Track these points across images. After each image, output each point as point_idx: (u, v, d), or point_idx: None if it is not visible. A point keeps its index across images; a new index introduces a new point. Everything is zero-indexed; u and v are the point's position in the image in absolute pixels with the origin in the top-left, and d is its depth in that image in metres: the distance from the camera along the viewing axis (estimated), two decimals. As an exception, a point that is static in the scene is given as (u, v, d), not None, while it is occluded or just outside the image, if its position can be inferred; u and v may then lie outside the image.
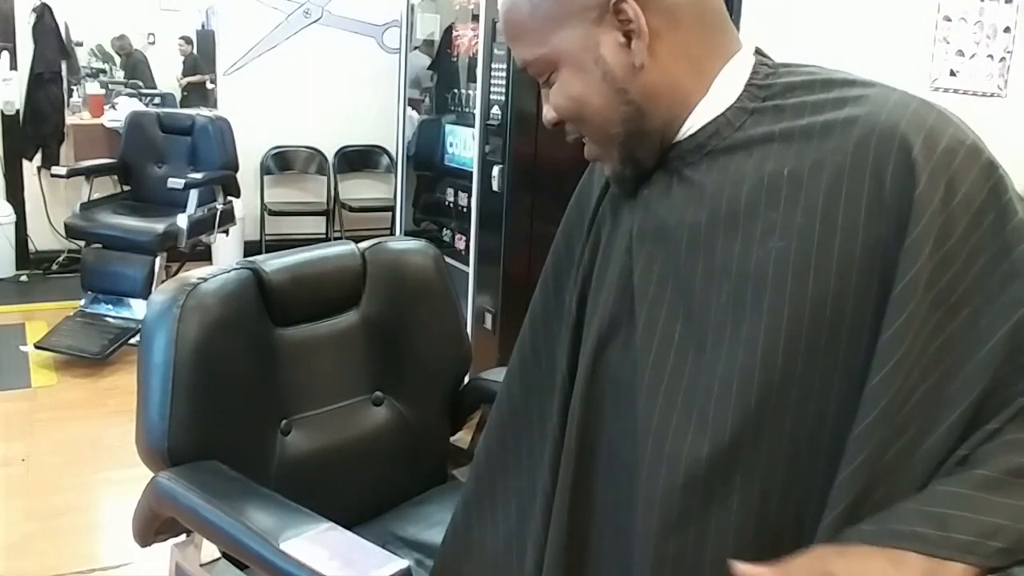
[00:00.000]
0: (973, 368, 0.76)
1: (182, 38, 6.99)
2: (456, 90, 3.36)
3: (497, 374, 1.72)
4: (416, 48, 3.74)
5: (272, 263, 1.51)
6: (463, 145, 3.24)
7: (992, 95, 3.66)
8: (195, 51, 6.90)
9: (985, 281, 0.76)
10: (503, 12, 0.88)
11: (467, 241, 3.14)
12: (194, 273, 1.41)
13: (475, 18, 3.15)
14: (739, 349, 0.80)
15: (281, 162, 5.48)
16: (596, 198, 0.97)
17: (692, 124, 0.85)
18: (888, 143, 0.76)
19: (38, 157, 4.94)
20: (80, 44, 6.46)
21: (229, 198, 4.31)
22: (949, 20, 3.48)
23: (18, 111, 4.84)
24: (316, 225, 5.49)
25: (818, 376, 0.78)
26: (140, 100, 5.88)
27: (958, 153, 0.76)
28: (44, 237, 4.98)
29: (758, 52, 0.89)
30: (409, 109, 3.78)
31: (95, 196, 4.28)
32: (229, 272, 1.44)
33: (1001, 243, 0.76)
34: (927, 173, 0.75)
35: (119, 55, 7.03)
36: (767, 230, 0.80)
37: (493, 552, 1.04)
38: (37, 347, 3.64)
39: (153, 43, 7.20)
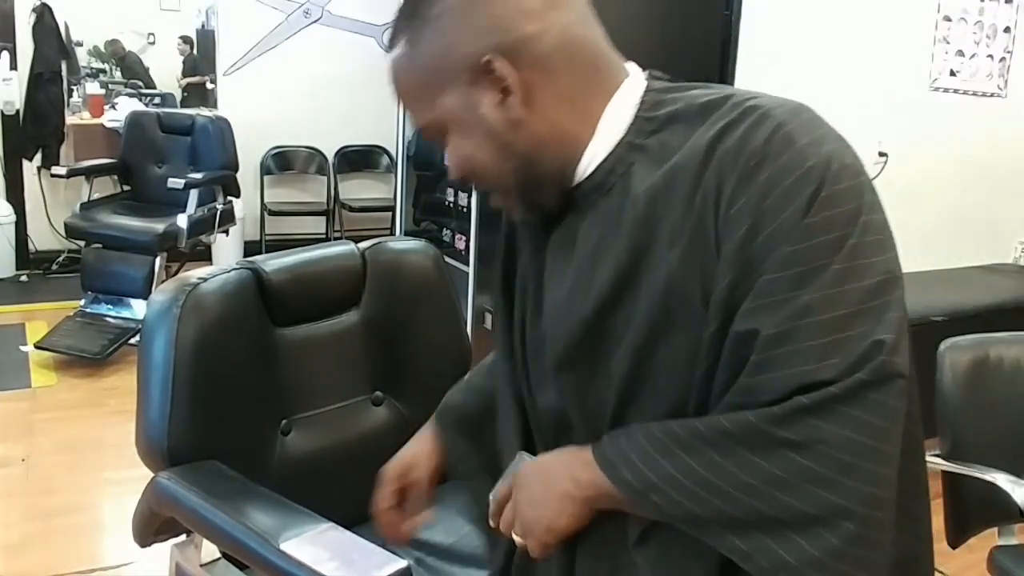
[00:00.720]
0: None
1: (182, 38, 6.98)
2: (456, 90, 3.35)
3: (497, 374, 1.73)
4: (416, 48, 3.73)
5: (272, 263, 1.50)
6: (463, 145, 3.23)
7: (992, 95, 3.66)
8: (195, 51, 6.89)
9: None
10: (391, 83, 0.90)
11: (467, 241, 3.14)
12: (194, 273, 1.41)
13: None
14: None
15: (281, 162, 5.47)
16: (511, 240, 1.03)
17: (587, 165, 0.86)
18: (720, 171, 0.76)
19: (38, 157, 4.94)
20: (80, 44, 6.46)
21: (229, 198, 4.31)
22: (949, 20, 3.48)
23: (18, 111, 4.84)
24: (316, 225, 5.49)
25: None
26: (140, 100, 5.88)
27: (779, 184, 0.74)
28: (44, 237, 4.98)
29: (651, 75, 0.88)
30: (409, 109, 3.77)
31: (95, 196, 4.28)
32: (229, 272, 1.43)
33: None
34: (743, 201, 0.75)
35: (113, 58, 7.03)
36: (649, 264, 0.81)
37: None
38: (37, 347, 3.64)
39: (153, 43, 7.20)
